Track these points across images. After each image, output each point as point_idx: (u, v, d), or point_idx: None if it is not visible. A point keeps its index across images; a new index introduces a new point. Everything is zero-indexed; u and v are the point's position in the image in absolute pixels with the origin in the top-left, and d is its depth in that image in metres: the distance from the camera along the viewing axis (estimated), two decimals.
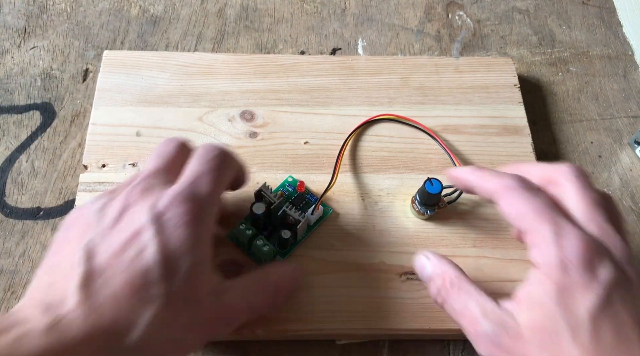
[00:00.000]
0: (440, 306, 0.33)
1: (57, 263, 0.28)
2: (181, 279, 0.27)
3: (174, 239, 0.28)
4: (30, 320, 0.25)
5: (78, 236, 0.29)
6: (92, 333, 0.25)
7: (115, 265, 0.27)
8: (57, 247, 0.30)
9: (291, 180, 0.41)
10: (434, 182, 0.39)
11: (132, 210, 0.29)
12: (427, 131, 0.44)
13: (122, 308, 0.26)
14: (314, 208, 0.39)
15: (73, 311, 0.25)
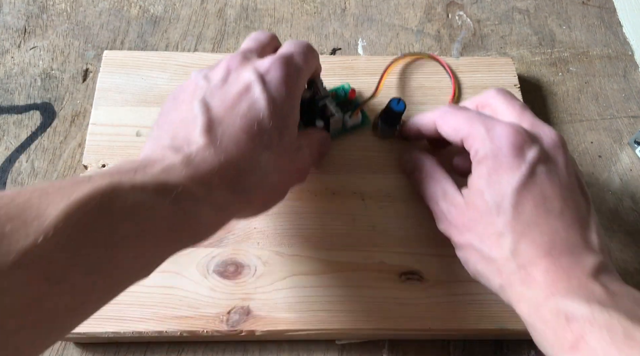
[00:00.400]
0: (415, 187, 0.40)
1: (175, 117, 0.31)
2: (287, 132, 0.32)
3: (278, 95, 0.32)
4: (167, 157, 0.28)
5: (190, 95, 0.32)
6: (223, 167, 0.29)
7: (231, 115, 0.30)
8: (170, 107, 0.33)
9: (347, 86, 0.45)
10: (400, 102, 0.42)
11: (237, 71, 0.32)
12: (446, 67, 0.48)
13: (244, 150, 0.30)
14: (352, 112, 0.43)
15: (203, 150, 0.29)
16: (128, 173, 0.26)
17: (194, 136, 0.29)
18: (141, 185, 0.25)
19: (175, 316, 0.36)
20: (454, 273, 0.39)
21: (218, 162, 0.29)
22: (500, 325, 0.37)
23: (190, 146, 0.29)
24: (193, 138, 0.29)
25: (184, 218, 0.27)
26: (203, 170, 0.28)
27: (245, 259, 0.39)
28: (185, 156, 0.28)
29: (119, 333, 0.36)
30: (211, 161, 0.28)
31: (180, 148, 0.29)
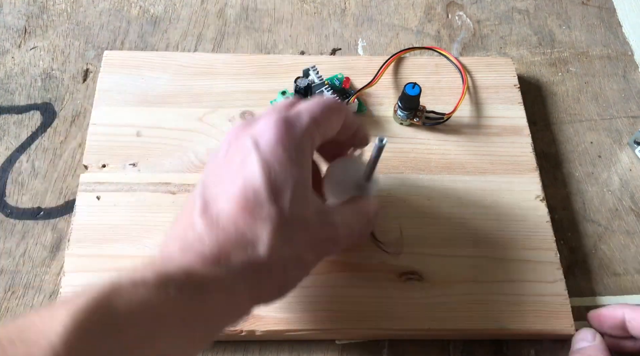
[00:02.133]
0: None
1: (187, 201, 0.31)
2: (289, 198, 0.29)
3: (274, 158, 0.29)
4: (167, 247, 0.28)
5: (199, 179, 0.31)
6: (222, 248, 0.27)
7: (227, 191, 0.29)
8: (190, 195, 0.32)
9: (340, 76, 0.46)
10: (415, 86, 0.43)
11: (236, 142, 0.31)
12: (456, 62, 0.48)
13: (241, 226, 0.28)
14: (349, 100, 0.44)
15: (200, 233, 0.28)
16: (128, 272, 0.25)
17: (192, 219, 0.28)
18: (142, 281, 0.24)
19: None
20: (454, 273, 0.39)
21: (217, 243, 0.27)
22: (500, 325, 0.37)
23: (188, 231, 0.28)
24: (192, 222, 0.28)
25: (194, 307, 0.26)
26: (202, 253, 0.27)
27: None
28: (183, 242, 0.28)
29: None
30: (209, 243, 0.27)
31: (180, 235, 0.28)
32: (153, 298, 0.24)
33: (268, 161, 0.29)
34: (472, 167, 0.44)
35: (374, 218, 0.36)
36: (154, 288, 0.24)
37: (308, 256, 0.31)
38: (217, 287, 0.27)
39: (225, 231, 0.28)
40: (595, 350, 0.35)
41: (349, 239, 0.33)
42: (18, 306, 0.38)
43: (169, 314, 0.25)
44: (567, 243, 0.43)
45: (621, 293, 0.41)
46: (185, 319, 0.25)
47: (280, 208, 0.28)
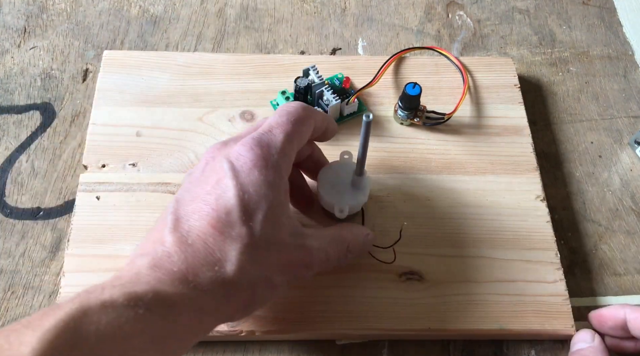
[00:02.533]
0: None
1: (159, 217, 0.31)
2: (261, 219, 0.29)
3: (249, 181, 0.30)
4: (135, 265, 0.28)
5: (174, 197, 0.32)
6: (191, 265, 0.28)
7: (200, 210, 0.29)
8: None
9: (340, 76, 0.46)
10: (416, 86, 0.42)
11: (213, 162, 0.31)
12: (457, 63, 0.48)
13: (211, 244, 0.28)
14: (349, 100, 0.44)
15: (169, 250, 0.28)
16: (96, 291, 0.25)
17: (163, 236, 0.29)
18: (110, 301, 0.24)
19: None
20: (454, 273, 0.39)
21: (185, 260, 0.28)
22: (500, 325, 0.37)
23: (157, 247, 0.28)
24: (162, 238, 0.29)
25: (163, 326, 0.26)
26: (171, 271, 0.27)
27: None
28: (152, 258, 0.28)
29: None
30: (178, 260, 0.28)
31: (149, 251, 0.28)
32: (122, 319, 0.24)
33: (243, 184, 0.29)
34: (472, 167, 0.44)
35: (362, 248, 0.36)
36: (123, 308, 0.24)
37: (278, 278, 0.31)
38: (186, 306, 0.27)
39: (193, 248, 0.28)
40: (594, 351, 0.35)
41: (323, 264, 0.33)
42: (18, 306, 0.38)
43: (138, 334, 0.25)
44: (567, 243, 0.43)
45: (622, 293, 0.41)
46: (155, 338, 0.25)
47: (251, 229, 0.29)
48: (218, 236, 0.28)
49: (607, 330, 0.36)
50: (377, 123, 0.45)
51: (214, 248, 0.28)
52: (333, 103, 0.43)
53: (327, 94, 0.43)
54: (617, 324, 0.35)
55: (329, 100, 0.43)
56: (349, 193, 0.38)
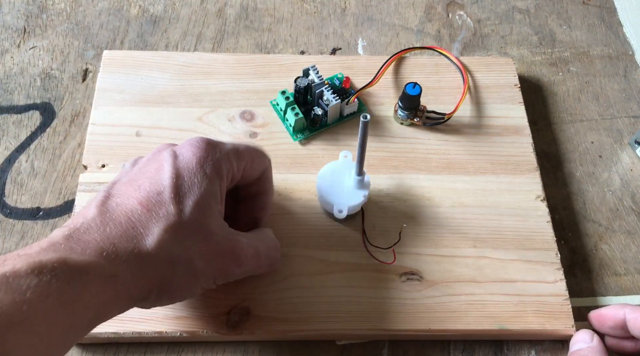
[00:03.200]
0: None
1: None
2: (191, 204, 0.30)
3: (185, 168, 0.31)
4: (53, 236, 0.28)
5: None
6: (108, 237, 0.28)
7: (131, 188, 0.30)
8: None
9: (340, 76, 0.46)
10: (416, 86, 0.43)
11: (158, 155, 0.33)
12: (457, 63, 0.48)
13: (136, 219, 0.29)
14: (349, 99, 0.44)
15: (89, 222, 0.29)
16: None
17: (88, 209, 0.30)
18: (12, 272, 0.25)
19: (175, 317, 0.36)
20: (454, 273, 0.39)
21: (103, 231, 0.28)
22: (500, 325, 0.37)
23: (79, 219, 0.29)
24: (86, 212, 0.29)
25: (72, 291, 0.26)
26: (85, 240, 0.28)
27: None
28: (69, 230, 0.28)
29: (119, 334, 0.36)
30: (95, 232, 0.28)
31: (70, 223, 0.29)
32: (23, 287, 0.24)
33: (179, 169, 0.31)
34: (472, 167, 0.44)
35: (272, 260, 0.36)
36: (26, 276, 0.25)
37: (200, 264, 0.31)
38: (97, 274, 0.27)
39: (115, 222, 0.29)
40: (592, 351, 0.35)
41: (254, 260, 0.34)
42: None
43: (43, 299, 0.25)
44: (567, 243, 0.43)
45: (622, 293, 0.41)
46: (62, 302, 0.26)
47: (179, 210, 0.30)
48: (144, 213, 0.29)
49: (606, 329, 0.36)
50: (377, 123, 0.45)
51: (137, 223, 0.29)
52: (333, 103, 0.43)
53: (327, 94, 0.43)
54: (617, 324, 0.35)
55: (329, 100, 0.43)
56: (348, 193, 0.38)
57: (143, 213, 0.29)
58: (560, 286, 0.39)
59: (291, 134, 0.44)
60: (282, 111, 0.44)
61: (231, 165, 0.33)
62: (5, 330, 0.23)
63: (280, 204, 0.41)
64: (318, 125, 0.44)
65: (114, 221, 0.29)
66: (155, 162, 0.32)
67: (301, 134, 0.44)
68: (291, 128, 0.44)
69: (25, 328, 0.24)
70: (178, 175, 0.31)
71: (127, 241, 0.29)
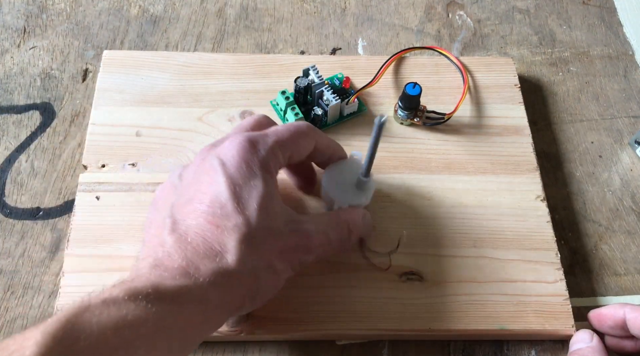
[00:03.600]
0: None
1: (153, 228, 0.32)
2: (255, 208, 0.30)
3: (238, 174, 0.31)
4: (138, 267, 0.29)
5: (164, 200, 0.33)
6: (191, 261, 0.28)
7: (195, 210, 0.30)
8: (151, 218, 0.34)
9: (340, 76, 0.46)
10: (416, 86, 0.43)
11: (203, 164, 0.32)
12: (457, 63, 0.48)
13: (209, 239, 0.29)
14: (348, 99, 0.44)
15: (169, 249, 0.29)
16: (95, 292, 0.26)
17: (162, 238, 0.30)
18: (111, 298, 0.25)
19: None
20: (454, 273, 0.39)
21: (185, 257, 0.28)
22: (501, 325, 0.37)
23: (158, 249, 0.29)
24: (162, 241, 0.30)
25: (167, 317, 0.26)
26: (172, 268, 0.28)
27: None
28: (153, 259, 0.29)
29: None
30: (178, 258, 0.28)
31: (150, 254, 0.29)
32: (123, 311, 0.25)
33: (232, 177, 0.31)
34: (472, 167, 0.44)
35: (363, 228, 0.37)
36: (124, 302, 0.25)
37: (279, 264, 0.32)
38: (189, 297, 0.27)
39: (192, 244, 0.29)
40: (592, 351, 0.35)
41: (324, 247, 0.34)
42: (17, 306, 0.38)
43: (142, 324, 0.25)
44: (567, 243, 0.43)
45: (622, 293, 0.41)
46: (159, 330, 0.26)
47: (246, 218, 0.30)
48: (215, 230, 0.29)
49: (606, 329, 0.36)
50: None
51: (212, 241, 0.29)
52: (333, 103, 0.43)
53: (327, 94, 0.43)
54: (617, 323, 0.35)
55: (329, 100, 0.43)
56: (352, 192, 0.38)
57: (213, 229, 0.29)
58: (560, 286, 0.39)
59: None
60: (282, 111, 0.44)
61: (277, 159, 0.33)
62: (110, 354, 0.24)
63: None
64: (318, 125, 0.44)
65: (190, 244, 0.29)
66: (205, 175, 0.31)
67: None
68: None
69: (127, 353, 0.24)
70: (234, 183, 0.30)
71: (209, 261, 0.29)
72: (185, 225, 0.30)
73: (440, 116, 0.45)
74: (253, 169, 0.31)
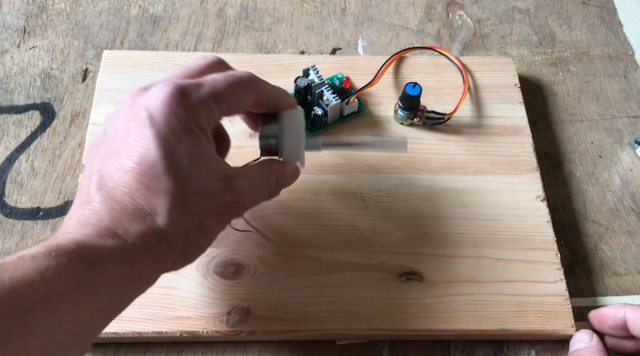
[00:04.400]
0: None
1: (84, 174, 0.31)
2: (188, 168, 0.29)
3: (169, 130, 0.29)
4: (64, 224, 0.28)
5: (96, 148, 0.31)
6: (117, 219, 0.27)
7: (123, 165, 0.28)
8: (87, 161, 0.32)
9: (340, 76, 0.46)
10: (416, 86, 0.43)
11: (131, 111, 0.30)
12: (456, 62, 0.48)
13: (138, 200, 0.28)
14: (349, 99, 0.44)
15: (96, 207, 0.28)
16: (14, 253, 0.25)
17: (89, 195, 0.29)
18: (29, 254, 0.25)
19: (175, 317, 0.36)
20: (454, 273, 0.39)
21: (112, 216, 0.28)
22: (500, 325, 0.37)
23: (84, 207, 0.28)
24: (89, 198, 0.29)
25: (90, 274, 0.26)
26: (98, 227, 0.27)
27: (245, 260, 0.38)
28: (79, 217, 0.28)
29: (119, 334, 0.36)
30: (105, 217, 0.27)
31: (77, 212, 0.28)
32: (42, 267, 0.24)
33: (162, 133, 0.28)
34: (472, 167, 0.44)
35: (289, 181, 0.36)
36: (43, 257, 0.24)
37: (212, 223, 0.31)
38: (115, 257, 0.27)
39: (120, 204, 0.28)
40: (592, 351, 0.35)
41: (256, 200, 0.33)
42: None
43: (62, 282, 0.24)
44: (567, 243, 0.43)
45: (622, 293, 0.41)
46: (82, 287, 0.25)
47: (178, 180, 0.28)
48: (145, 191, 0.28)
49: (607, 329, 0.36)
50: (377, 123, 0.45)
51: (142, 202, 0.28)
52: (333, 103, 0.43)
53: (327, 94, 0.43)
54: (617, 323, 0.35)
55: (329, 100, 0.43)
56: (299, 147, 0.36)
57: (143, 190, 0.28)
58: (560, 286, 0.39)
59: None
60: None
61: (211, 113, 0.31)
62: (24, 311, 0.23)
63: (280, 204, 0.41)
64: (318, 125, 0.44)
65: (118, 203, 0.28)
66: (134, 125, 0.29)
67: None
68: None
69: (45, 309, 0.24)
70: (165, 142, 0.28)
71: (138, 223, 0.28)
72: (113, 182, 0.28)
73: (440, 116, 0.45)
74: (184, 123, 0.29)
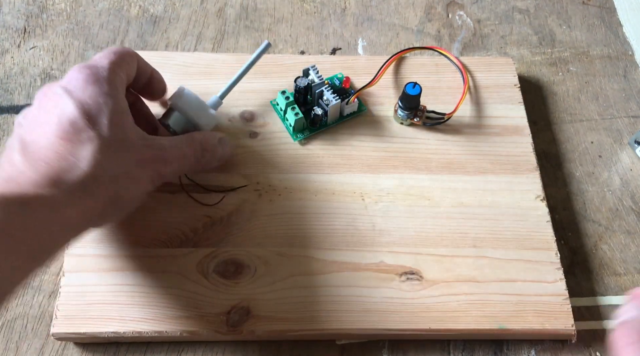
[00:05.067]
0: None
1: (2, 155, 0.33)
2: (107, 123, 0.32)
3: (85, 95, 0.32)
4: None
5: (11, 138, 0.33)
6: (43, 175, 0.29)
7: (44, 131, 0.31)
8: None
9: (340, 76, 0.46)
10: (416, 86, 0.43)
11: (48, 92, 0.33)
12: (456, 62, 0.48)
13: (61, 152, 0.30)
14: (349, 99, 0.44)
15: (20, 166, 0.30)
16: None
17: (12, 159, 0.31)
18: None
19: (175, 316, 0.36)
20: (454, 272, 0.39)
21: (38, 173, 0.29)
22: (500, 325, 0.37)
23: (8, 168, 0.30)
24: (12, 161, 0.30)
25: (17, 221, 0.27)
26: (24, 183, 0.29)
27: (245, 260, 0.39)
28: (6, 175, 0.30)
29: (119, 333, 0.36)
30: (31, 174, 0.29)
31: (0, 174, 0.30)
32: None
33: (79, 98, 0.32)
34: (472, 167, 0.44)
35: (219, 148, 0.39)
36: None
37: (137, 172, 0.33)
38: (41, 204, 0.28)
39: (45, 160, 0.30)
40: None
41: (180, 160, 0.36)
42: (17, 306, 0.38)
43: None
44: (567, 243, 0.43)
45: (622, 293, 0.41)
46: (10, 232, 0.27)
47: (98, 131, 0.31)
48: (67, 144, 0.30)
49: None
50: (377, 123, 0.45)
51: (66, 153, 0.30)
52: (333, 103, 0.43)
53: (327, 93, 0.43)
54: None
55: (329, 100, 0.43)
56: (205, 115, 0.41)
57: (66, 144, 0.30)
58: (560, 286, 0.39)
59: (291, 134, 0.44)
60: (282, 111, 0.44)
61: (119, 76, 0.34)
62: None
63: (280, 204, 0.41)
64: (318, 125, 0.44)
65: (42, 160, 0.30)
66: (51, 101, 0.32)
67: (301, 134, 0.44)
68: (291, 128, 0.44)
69: None
70: (81, 102, 0.31)
71: (64, 173, 0.30)
72: (36, 145, 0.31)
73: (440, 116, 0.45)
74: (100, 87, 0.32)
